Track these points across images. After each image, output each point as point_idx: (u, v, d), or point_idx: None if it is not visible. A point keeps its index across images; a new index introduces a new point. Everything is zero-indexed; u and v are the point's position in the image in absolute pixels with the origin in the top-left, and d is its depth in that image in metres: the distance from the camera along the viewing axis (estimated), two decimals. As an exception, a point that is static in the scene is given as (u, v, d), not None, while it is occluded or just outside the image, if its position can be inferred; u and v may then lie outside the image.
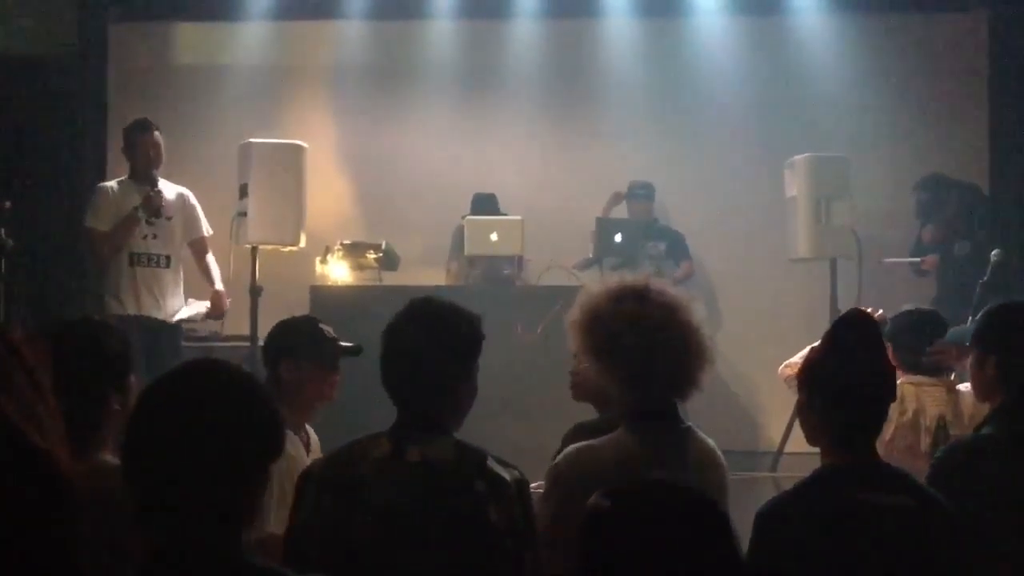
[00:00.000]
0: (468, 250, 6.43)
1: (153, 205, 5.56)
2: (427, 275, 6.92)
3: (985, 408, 2.88)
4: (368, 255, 6.48)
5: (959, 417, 3.32)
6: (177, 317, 5.72)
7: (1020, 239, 6.07)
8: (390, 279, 6.49)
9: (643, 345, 2.31)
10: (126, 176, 5.79)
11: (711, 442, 2.46)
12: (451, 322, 2.26)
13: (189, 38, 7.93)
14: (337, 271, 6.47)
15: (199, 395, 1.58)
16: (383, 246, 6.50)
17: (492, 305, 6.17)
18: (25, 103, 7.04)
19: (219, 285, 5.83)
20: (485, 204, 6.94)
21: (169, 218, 5.69)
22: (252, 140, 6.38)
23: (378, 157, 7.71)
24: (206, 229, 5.93)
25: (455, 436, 2.23)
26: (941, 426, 3.30)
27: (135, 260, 5.62)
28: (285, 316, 3.38)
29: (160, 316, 5.63)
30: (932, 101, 7.42)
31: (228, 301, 5.87)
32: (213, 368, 1.65)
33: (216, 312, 5.82)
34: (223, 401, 1.58)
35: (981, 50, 7.48)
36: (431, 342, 2.23)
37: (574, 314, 2.43)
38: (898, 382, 3.27)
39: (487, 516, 2.11)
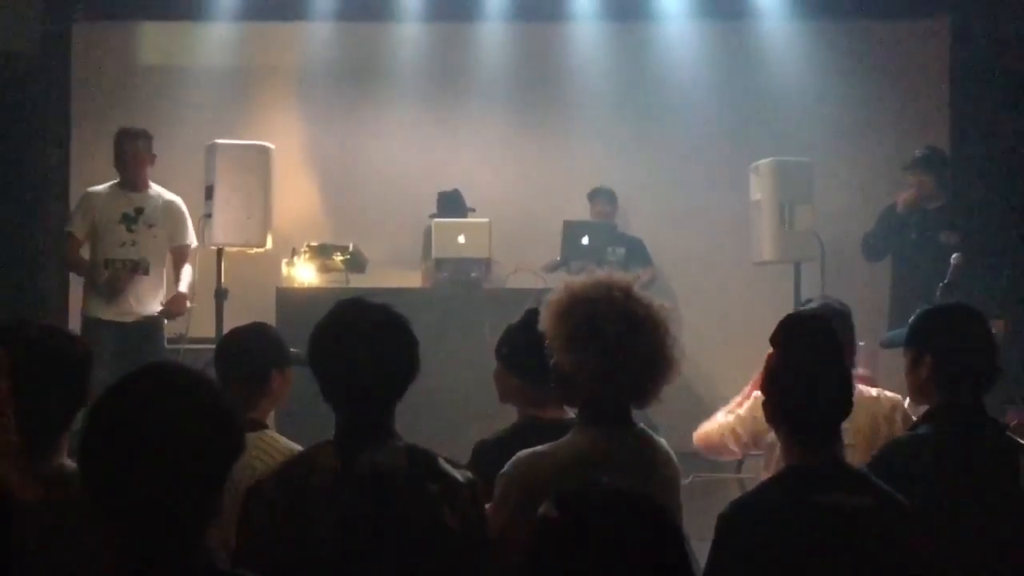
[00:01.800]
0: (436, 253, 6.42)
1: (172, 314, 5.71)
2: (394, 277, 6.91)
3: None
4: (335, 257, 6.46)
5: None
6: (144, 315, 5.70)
7: (982, 243, 6.12)
8: (357, 281, 6.47)
9: (623, 337, 2.30)
10: (116, 181, 5.79)
11: (664, 444, 2.46)
12: (395, 325, 2.19)
13: (154, 38, 7.86)
14: (304, 273, 6.45)
15: (155, 398, 1.58)
16: (350, 248, 6.49)
17: (460, 307, 6.25)
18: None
19: (184, 288, 5.80)
20: (451, 201, 6.93)
21: (151, 226, 5.68)
22: (218, 141, 6.34)
23: (345, 159, 7.69)
24: (191, 239, 5.92)
25: (403, 439, 2.17)
26: None
27: (109, 265, 5.62)
28: (251, 319, 3.35)
29: (133, 321, 5.62)
30: (895, 106, 7.50)
31: (188, 305, 5.82)
32: (168, 371, 1.65)
33: (171, 308, 5.73)
34: (179, 404, 1.58)
35: (943, 55, 7.57)
36: (384, 351, 2.15)
37: (556, 297, 2.39)
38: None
39: (442, 519, 2.07)
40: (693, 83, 7.52)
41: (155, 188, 5.82)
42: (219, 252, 6.28)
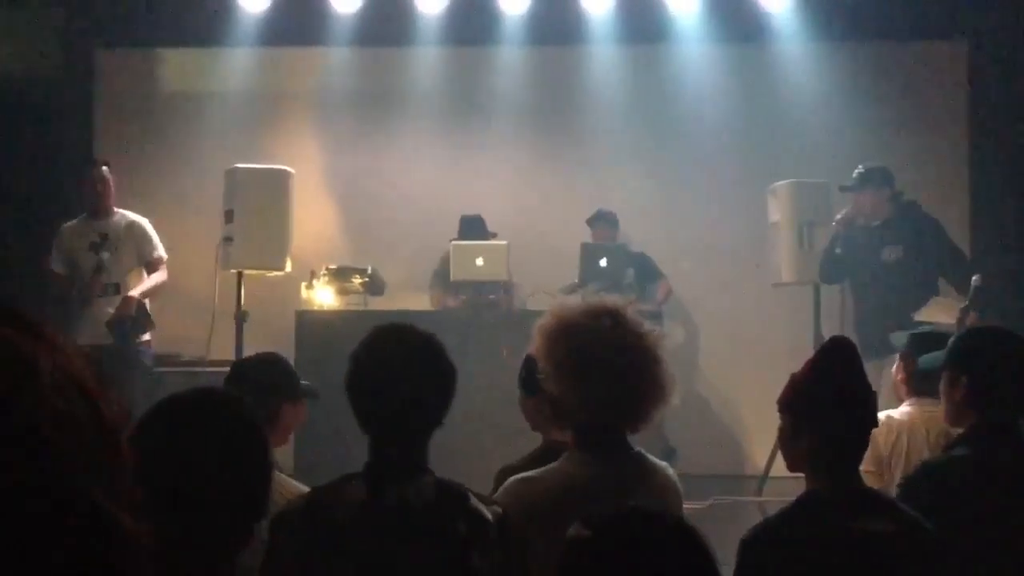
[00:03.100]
0: (454, 275, 6.44)
1: (88, 298, 5.72)
2: (413, 300, 6.92)
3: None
4: (354, 280, 6.49)
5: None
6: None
7: (999, 265, 6.10)
8: (376, 304, 6.49)
9: (612, 362, 2.28)
10: (85, 213, 5.93)
11: (665, 467, 2.44)
12: (433, 355, 2.14)
13: (176, 64, 7.95)
14: (323, 296, 6.47)
15: (195, 424, 1.59)
16: (369, 271, 6.51)
17: (478, 330, 6.25)
18: (11, 128, 7.04)
19: (136, 292, 5.79)
20: (474, 226, 6.95)
21: (116, 249, 5.81)
22: (238, 165, 6.39)
23: (364, 183, 7.73)
24: (160, 252, 5.96)
25: (433, 473, 2.12)
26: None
27: (84, 292, 5.75)
28: (270, 341, 3.37)
29: (110, 343, 5.62)
30: (913, 128, 7.48)
31: (135, 308, 5.73)
32: (209, 397, 1.66)
33: (119, 309, 5.71)
34: (220, 430, 1.59)
35: (962, 78, 7.56)
36: (420, 382, 2.10)
37: (544, 323, 2.38)
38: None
39: (469, 560, 2.02)
40: (711, 105, 7.54)
41: (119, 212, 5.94)
42: (239, 276, 6.31)
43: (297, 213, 6.54)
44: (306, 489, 2.57)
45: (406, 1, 7.46)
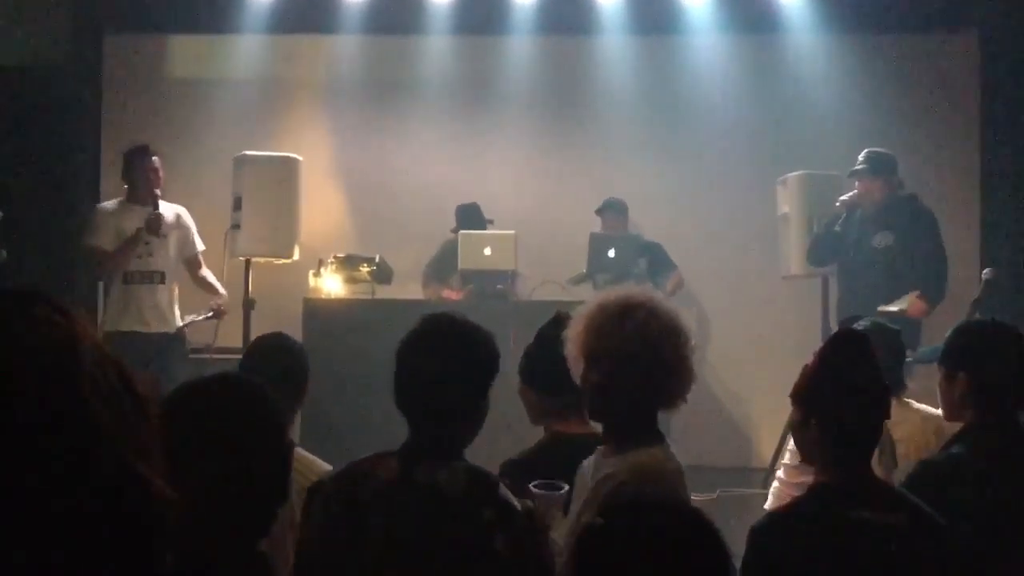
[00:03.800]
0: (462, 264, 6.43)
1: (155, 226, 5.64)
2: (420, 289, 6.92)
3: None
4: (362, 268, 6.48)
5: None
6: (179, 324, 5.77)
7: (1009, 259, 6.07)
8: (383, 292, 6.49)
9: (647, 352, 2.28)
10: (123, 198, 5.82)
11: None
12: (470, 342, 2.19)
13: (184, 51, 7.93)
14: (330, 284, 6.47)
15: (218, 409, 1.60)
16: (376, 259, 6.50)
17: (485, 320, 6.22)
18: (19, 114, 7.04)
19: (223, 291, 5.93)
20: (470, 213, 6.93)
21: (164, 236, 5.73)
22: (246, 153, 6.39)
23: (372, 171, 7.72)
24: (199, 245, 5.98)
25: (467, 460, 2.17)
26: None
27: (129, 278, 5.68)
28: (278, 329, 3.37)
29: (156, 331, 5.65)
30: (924, 119, 7.45)
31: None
32: (232, 382, 1.67)
33: (221, 309, 5.86)
34: (241, 416, 1.60)
35: (973, 69, 7.52)
36: (450, 364, 2.15)
37: (584, 313, 2.37)
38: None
39: (493, 545, 2.04)
40: (720, 96, 7.51)
41: (162, 202, 5.86)
42: (247, 263, 6.32)
43: (305, 201, 6.54)
44: (328, 467, 2.60)
45: (416, -11, 7.45)
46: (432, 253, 7.05)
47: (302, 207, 6.46)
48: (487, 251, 6.36)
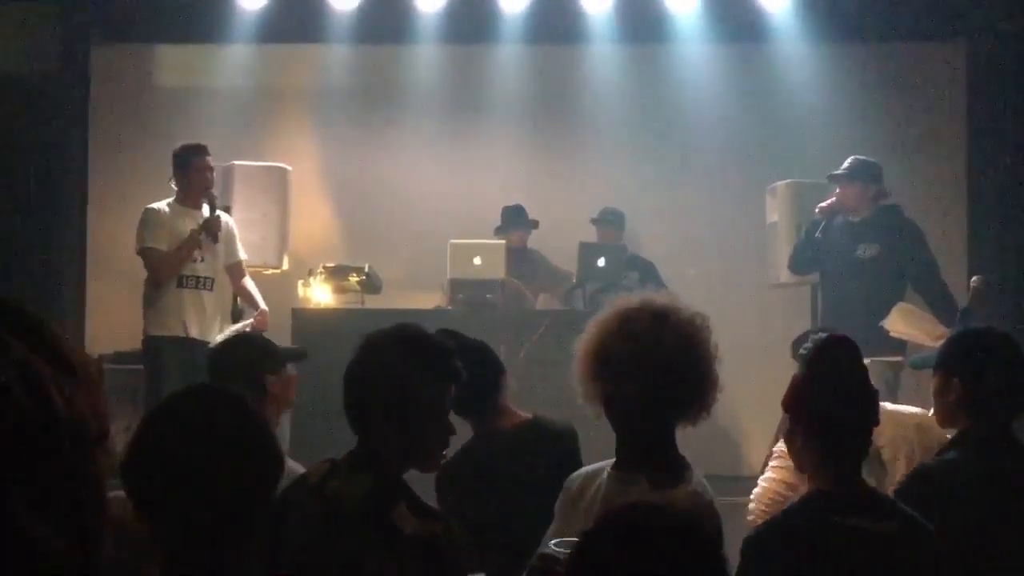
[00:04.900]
0: (451, 273, 6.43)
1: (215, 228, 5.51)
2: (410, 299, 6.91)
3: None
4: (351, 278, 6.47)
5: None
6: (220, 337, 5.63)
7: (999, 268, 6.09)
8: (372, 302, 6.48)
9: (676, 362, 2.29)
10: (172, 199, 5.64)
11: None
12: (369, 358, 2.20)
13: (172, 60, 7.92)
14: (319, 294, 6.45)
15: (199, 420, 1.59)
16: (366, 269, 6.50)
17: (475, 329, 6.22)
18: (7, 122, 7.02)
19: (263, 305, 5.76)
20: (515, 214, 6.98)
21: (216, 242, 5.61)
22: (235, 162, 6.37)
23: (362, 181, 7.71)
24: (241, 253, 5.85)
25: (386, 475, 2.11)
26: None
27: (182, 282, 5.53)
28: (269, 337, 3.36)
29: (204, 337, 5.46)
30: (911, 128, 7.48)
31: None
32: (211, 393, 1.66)
33: (261, 329, 5.62)
34: (223, 425, 1.59)
35: (960, 79, 7.55)
36: (349, 380, 2.19)
37: (600, 321, 2.34)
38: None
39: (372, 565, 2.01)
40: (709, 105, 7.52)
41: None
42: (236, 272, 6.28)
43: (294, 210, 6.53)
44: (302, 469, 2.60)
45: (405, -2, 7.45)
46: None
47: (291, 217, 6.45)
48: (477, 260, 6.36)
